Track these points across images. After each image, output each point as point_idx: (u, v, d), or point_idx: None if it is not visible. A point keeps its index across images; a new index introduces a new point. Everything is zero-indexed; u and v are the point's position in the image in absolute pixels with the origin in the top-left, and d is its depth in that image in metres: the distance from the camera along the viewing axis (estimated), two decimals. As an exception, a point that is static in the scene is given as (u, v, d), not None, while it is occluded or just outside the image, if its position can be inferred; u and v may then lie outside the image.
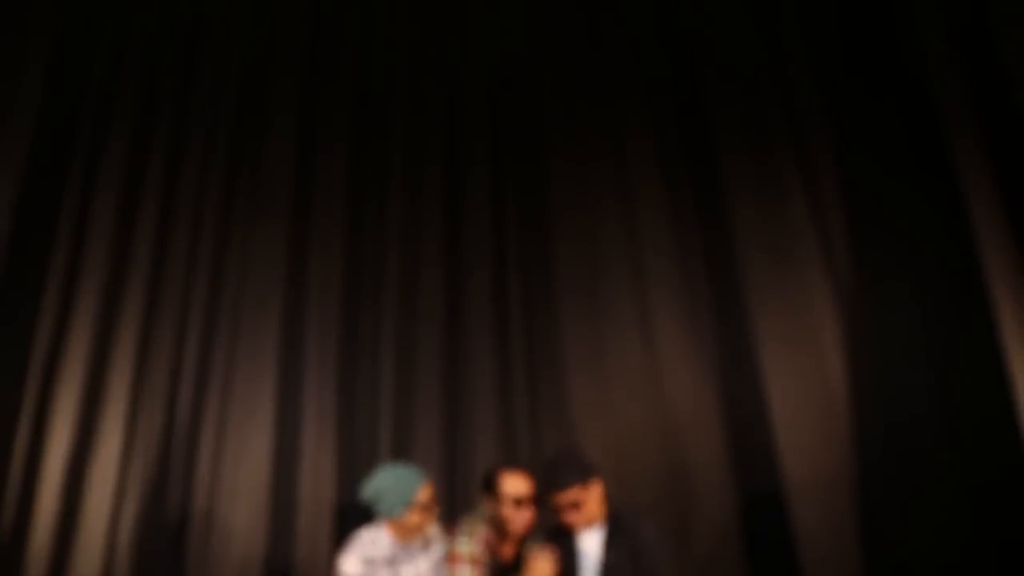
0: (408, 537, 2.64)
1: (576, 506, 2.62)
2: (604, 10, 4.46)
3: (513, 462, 3.37)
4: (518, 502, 2.67)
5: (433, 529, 2.75)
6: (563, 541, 2.68)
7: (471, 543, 2.69)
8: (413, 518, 2.60)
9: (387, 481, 2.61)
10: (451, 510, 3.49)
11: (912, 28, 3.40)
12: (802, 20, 3.88)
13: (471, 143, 4.36)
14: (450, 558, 2.67)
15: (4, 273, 3.54)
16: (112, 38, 4.28)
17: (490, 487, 2.74)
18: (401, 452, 3.73)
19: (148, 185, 4.18)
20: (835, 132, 3.70)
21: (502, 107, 4.44)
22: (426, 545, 2.70)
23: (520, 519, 2.68)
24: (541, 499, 2.72)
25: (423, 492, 2.61)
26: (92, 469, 3.67)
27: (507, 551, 2.74)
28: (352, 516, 3.56)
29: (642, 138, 4.17)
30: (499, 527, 2.71)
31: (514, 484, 2.69)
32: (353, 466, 3.77)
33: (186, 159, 4.29)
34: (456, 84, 4.52)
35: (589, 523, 2.64)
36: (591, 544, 2.66)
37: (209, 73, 4.47)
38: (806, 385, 3.48)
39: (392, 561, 2.62)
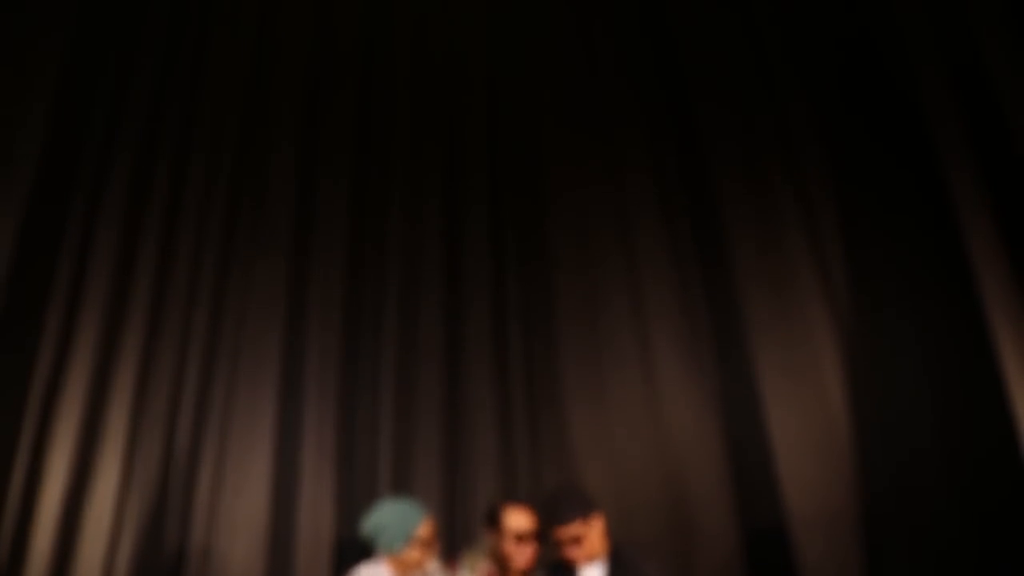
0: (408, 573, 2.61)
1: (577, 541, 2.60)
2: (602, 44, 4.52)
3: (514, 497, 3.35)
4: (520, 537, 2.65)
5: (433, 565, 2.72)
6: (565, 576, 2.66)
7: (473, 578, 2.67)
8: (413, 554, 2.57)
9: (387, 516, 2.59)
10: (451, 545, 3.45)
11: (904, 61, 3.44)
12: (798, 54, 3.92)
13: (470, 177, 4.39)
14: (451, 593, 2.65)
15: (5, 305, 3.53)
16: (115, 72, 4.31)
17: (492, 522, 2.72)
18: (401, 486, 3.71)
19: (149, 220, 4.18)
20: (831, 164, 3.73)
21: (501, 141, 4.48)
22: (426, 581, 2.68)
23: (522, 554, 2.66)
24: (543, 534, 2.70)
25: (424, 528, 2.59)
26: (89, 503, 3.63)
27: (509, 587, 2.71)
28: (351, 551, 3.52)
29: (641, 171, 4.20)
30: (501, 562, 2.68)
31: (516, 519, 2.67)
32: (352, 501, 3.73)
33: (187, 194, 4.30)
34: (455, 118, 4.56)
35: (590, 558, 2.62)
36: (593, 579, 2.63)
37: (210, 109, 4.49)
38: (807, 417, 3.47)
39: (392, 597, 2.59)
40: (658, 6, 4.45)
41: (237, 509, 3.70)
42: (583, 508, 2.61)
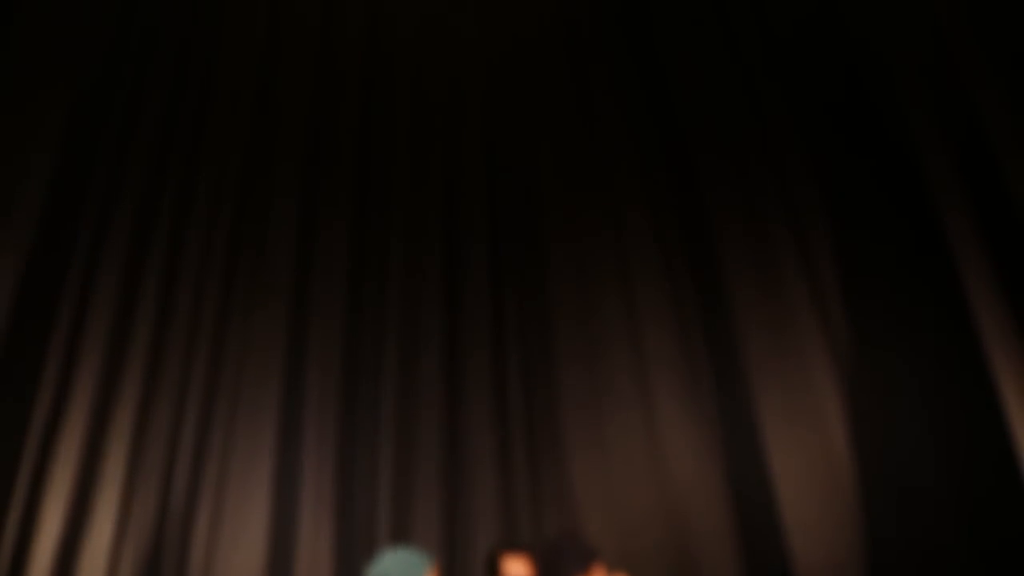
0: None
1: None
2: (600, 91, 4.58)
3: (514, 544, 3.30)
4: (519, 584, 2.62)
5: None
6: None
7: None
8: (417, 602, 2.53)
9: (394, 565, 2.55)
10: (451, 594, 3.41)
11: (897, 104, 3.49)
12: (793, 100, 3.98)
13: (470, 224, 4.41)
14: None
15: (4, 352, 3.53)
16: (118, 121, 4.37)
17: (492, 570, 2.69)
18: (400, 535, 3.66)
19: (149, 266, 4.20)
20: (828, 208, 3.76)
21: (500, 188, 4.51)
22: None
23: (521, 601, 2.62)
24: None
25: (429, 576, 2.55)
26: (84, 551, 3.58)
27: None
28: (349, 602, 3.48)
29: (639, 217, 4.23)
30: (501, 609, 2.64)
31: (515, 567, 2.65)
32: (351, 550, 3.68)
33: (187, 241, 4.32)
34: (454, 165, 4.61)
35: None
36: (594, 628, 2.58)
37: (211, 156, 4.54)
38: (810, 461, 3.44)
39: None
40: (655, 56, 4.53)
41: (234, 558, 3.65)
42: (583, 557, 2.58)
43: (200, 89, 4.69)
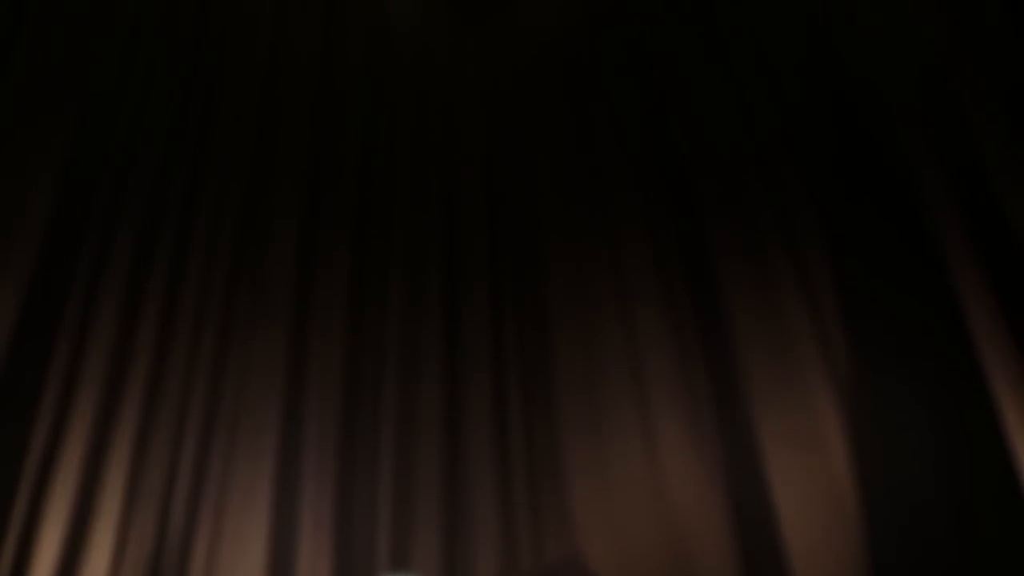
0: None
1: None
2: (599, 120, 4.63)
3: (514, 571, 3.28)
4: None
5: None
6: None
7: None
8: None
9: None
10: (452, 622, 3.37)
11: (894, 129, 3.54)
12: (790, 126, 4.03)
13: (469, 248, 4.43)
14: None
15: (3, 375, 3.51)
16: (120, 143, 4.39)
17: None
18: (399, 561, 3.62)
19: (149, 294, 4.19)
20: (827, 232, 3.79)
21: (500, 214, 4.54)
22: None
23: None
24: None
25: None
26: (80, 581, 3.54)
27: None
28: (349, 630, 3.44)
29: (638, 242, 4.25)
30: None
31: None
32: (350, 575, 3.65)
33: (187, 269, 4.31)
34: (454, 192, 4.64)
35: None
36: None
37: (213, 185, 4.55)
38: (812, 485, 3.43)
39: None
40: (654, 84, 4.59)
41: (232, 587, 3.62)
42: None
43: (201, 115, 4.71)
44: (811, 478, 3.45)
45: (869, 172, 3.74)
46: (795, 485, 3.45)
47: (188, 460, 3.87)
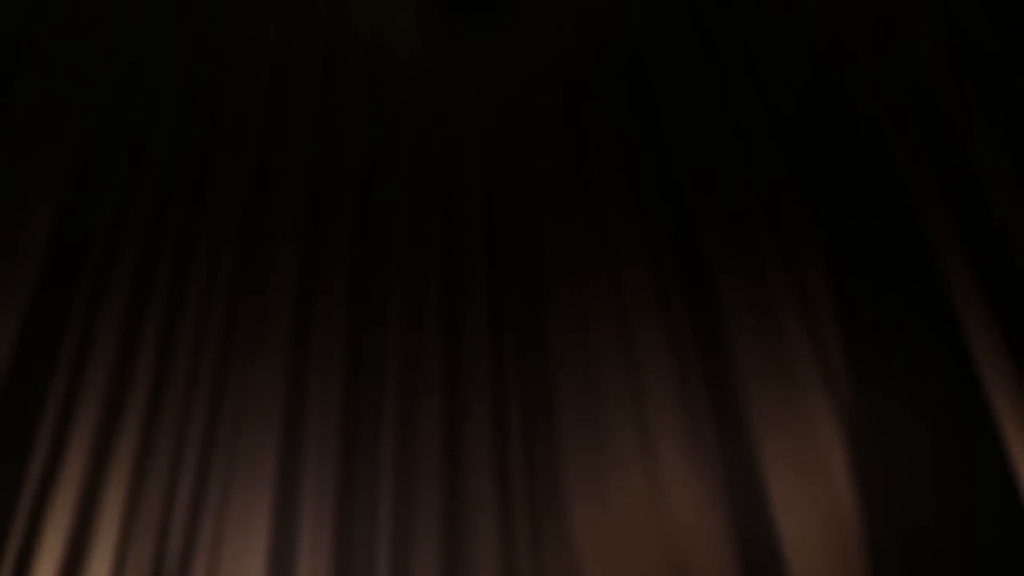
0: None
1: None
2: (599, 145, 4.65)
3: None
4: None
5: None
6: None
7: None
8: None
9: None
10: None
11: (893, 152, 3.56)
12: (789, 150, 4.05)
13: (469, 273, 4.43)
14: None
15: (1, 401, 3.51)
16: (120, 170, 4.41)
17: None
18: (400, 586, 3.60)
19: (149, 317, 4.19)
20: (827, 254, 3.79)
21: (499, 238, 4.54)
22: None
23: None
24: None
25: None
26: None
27: None
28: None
29: (638, 264, 4.25)
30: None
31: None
32: (349, 603, 3.62)
33: (188, 292, 4.32)
34: (454, 217, 4.65)
35: None
36: None
37: (213, 208, 4.56)
38: (814, 509, 3.41)
39: None
40: (654, 109, 4.62)
41: (230, 614, 3.59)
42: None
43: (202, 140, 4.73)
44: (813, 501, 3.43)
45: (869, 193, 3.75)
46: (796, 508, 3.43)
47: (187, 484, 3.85)
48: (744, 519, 3.57)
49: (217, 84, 4.86)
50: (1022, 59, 3.27)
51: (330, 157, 4.78)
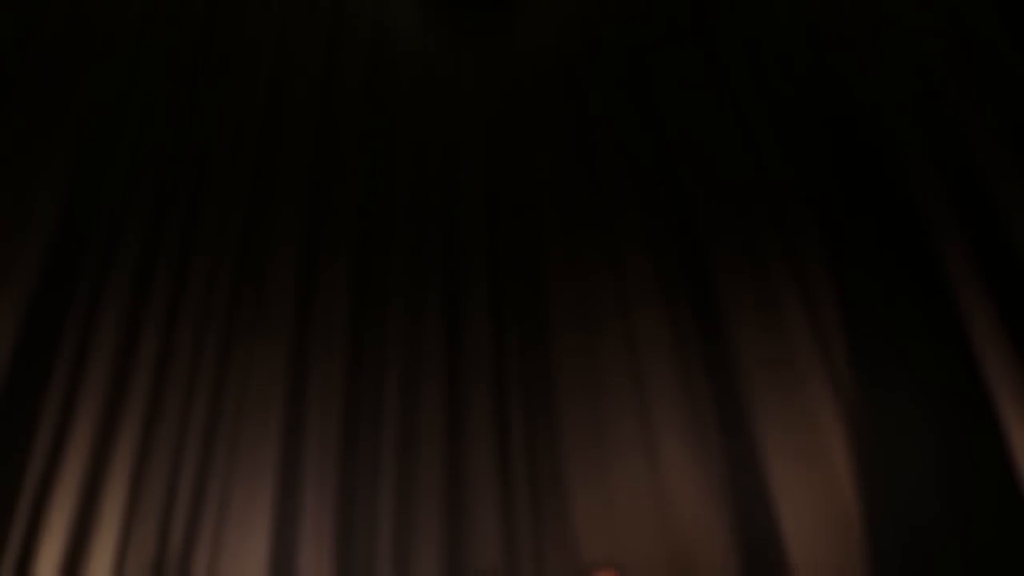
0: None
1: None
2: (600, 138, 4.66)
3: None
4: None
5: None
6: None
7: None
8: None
9: None
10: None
11: (895, 145, 3.57)
12: (790, 140, 4.06)
13: (471, 264, 4.45)
14: None
15: (3, 391, 3.50)
16: (122, 164, 4.41)
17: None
18: (401, 573, 3.60)
19: (150, 308, 4.18)
20: (829, 246, 3.80)
21: (501, 229, 4.55)
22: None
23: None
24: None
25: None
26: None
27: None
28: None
29: (639, 257, 4.26)
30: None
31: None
32: (351, 590, 3.63)
33: (189, 282, 4.31)
34: (455, 209, 4.66)
35: None
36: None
37: (214, 205, 4.56)
38: (814, 499, 3.42)
39: None
40: (655, 102, 4.63)
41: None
42: None
43: (202, 139, 4.73)
44: (813, 491, 3.44)
45: (870, 188, 3.75)
46: (797, 498, 3.44)
47: (189, 473, 3.85)
48: (744, 508, 3.57)
49: (218, 82, 4.86)
50: (1024, 52, 3.29)
51: (331, 150, 4.79)
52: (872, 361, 3.56)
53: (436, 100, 5.05)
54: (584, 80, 4.89)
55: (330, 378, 4.11)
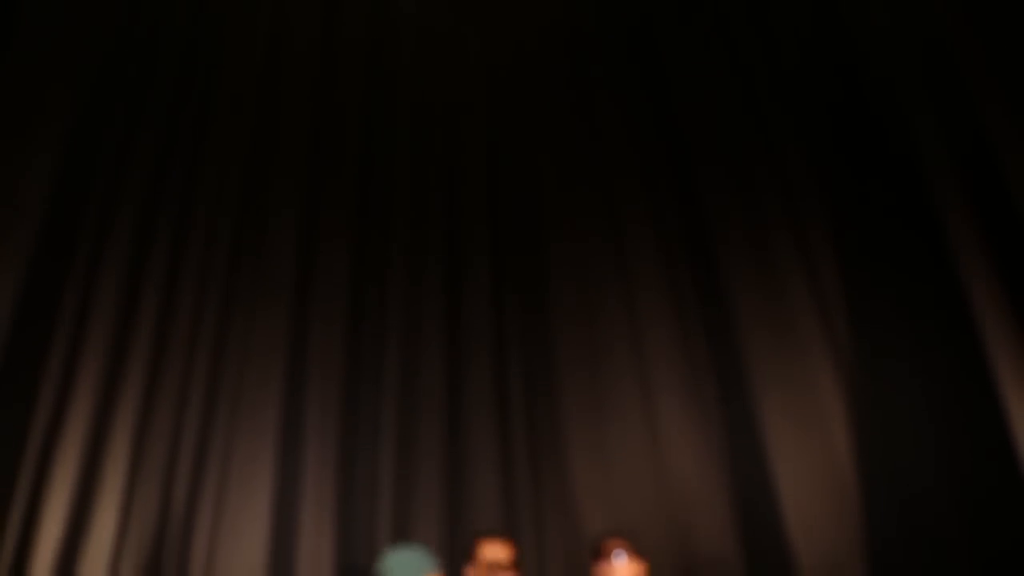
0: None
1: None
2: (602, 102, 4.61)
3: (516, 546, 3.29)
4: (495, 568, 2.62)
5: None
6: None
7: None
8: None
9: (400, 565, 2.57)
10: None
11: (899, 110, 3.51)
12: (794, 107, 3.99)
13: (471, 229, 4.43)
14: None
15: (5, 353, 3.59)
16: (120, 129, 4.45)
17: (470, 556, 2.70)
18: (401, 538, 3.65)
19: (150, 273, 4.22)
20: (830, 212, 3.78)
21: (501, 194, 4.53)
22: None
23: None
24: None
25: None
26: (85, 556, 3.59)
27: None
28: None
29: (641, 222, 4.25)
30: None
31: (491, 550, 2.65)
32: (351, 551, 3.68)
33: (189, 246, 4.34)
34: (456, 174, 4.64)
35: None
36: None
37: (213, 164, 4.58)
38: (813, 464, 3.45)
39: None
40: (658, 65, 4.57)
41: (234, 563, 3.64)
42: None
43: (201, 99, 4.74)
44: (811, 456, 3.47)
45: (873, 154, 3.70)
46: (795, 463, 3.49)
47: (191, 438, 3.91)
48: (743, 472, 3.61)
49: (215, 42, 4.84)
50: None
51: (332, 115, 4.78)
52: (872, 327, 3.56)
53: (437, 61, 5.00)
54: (587, 43, 4.82)
55: (331, 340, 4.13)
